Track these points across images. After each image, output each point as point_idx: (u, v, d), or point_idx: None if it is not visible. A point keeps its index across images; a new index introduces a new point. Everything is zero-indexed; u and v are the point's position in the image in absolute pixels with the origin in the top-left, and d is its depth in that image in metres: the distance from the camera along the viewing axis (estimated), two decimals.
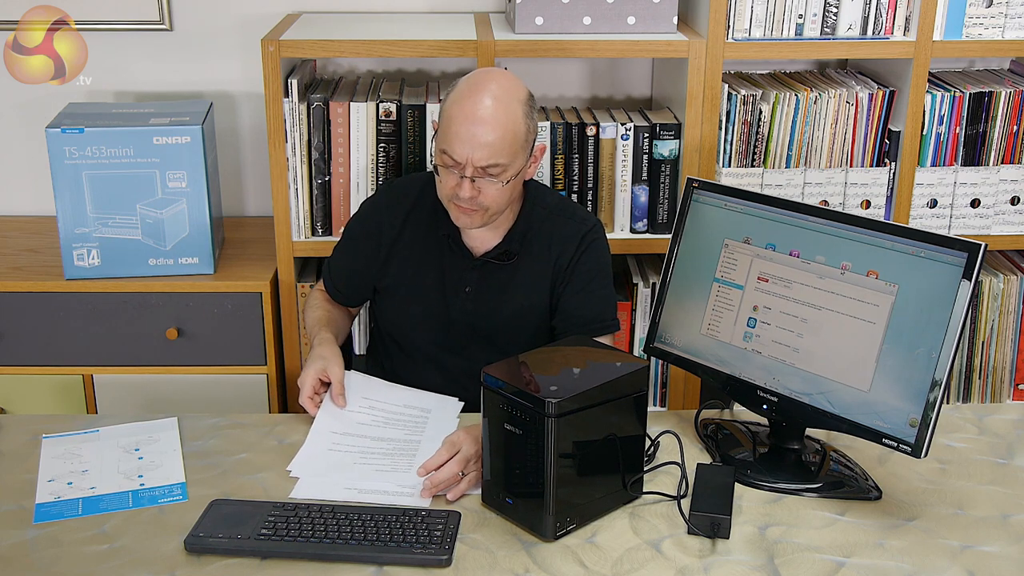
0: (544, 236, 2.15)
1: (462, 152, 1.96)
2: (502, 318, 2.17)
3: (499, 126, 1.97)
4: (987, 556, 1.68)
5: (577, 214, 2.20)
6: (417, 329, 2.22)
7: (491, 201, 2.02)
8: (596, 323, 2.15)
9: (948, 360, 1.69)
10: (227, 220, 2.87)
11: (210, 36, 2.83)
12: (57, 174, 2.44)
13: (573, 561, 1.66)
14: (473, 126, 1.95)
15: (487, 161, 1.97)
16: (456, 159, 1.97)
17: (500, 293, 2.16)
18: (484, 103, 1.97)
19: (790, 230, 1.89)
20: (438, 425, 2.00)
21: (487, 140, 1.96)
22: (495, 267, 2.15)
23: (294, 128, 2.46)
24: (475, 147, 1.96)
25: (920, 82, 2.48)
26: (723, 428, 2.04)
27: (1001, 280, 2.63)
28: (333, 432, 1.97)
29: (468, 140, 1.96)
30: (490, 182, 2.00)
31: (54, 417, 2.12)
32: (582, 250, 2.15)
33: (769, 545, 1.70)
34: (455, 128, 1.97)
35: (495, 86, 1.99)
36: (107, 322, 2.53)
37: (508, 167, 2.00)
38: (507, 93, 1.99)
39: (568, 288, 2.16)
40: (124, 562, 1.64)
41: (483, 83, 2.00)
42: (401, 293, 2.21)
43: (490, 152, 1.96)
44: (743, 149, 2.52)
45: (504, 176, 2.00)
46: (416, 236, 2.18)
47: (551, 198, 2.21)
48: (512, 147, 1.99)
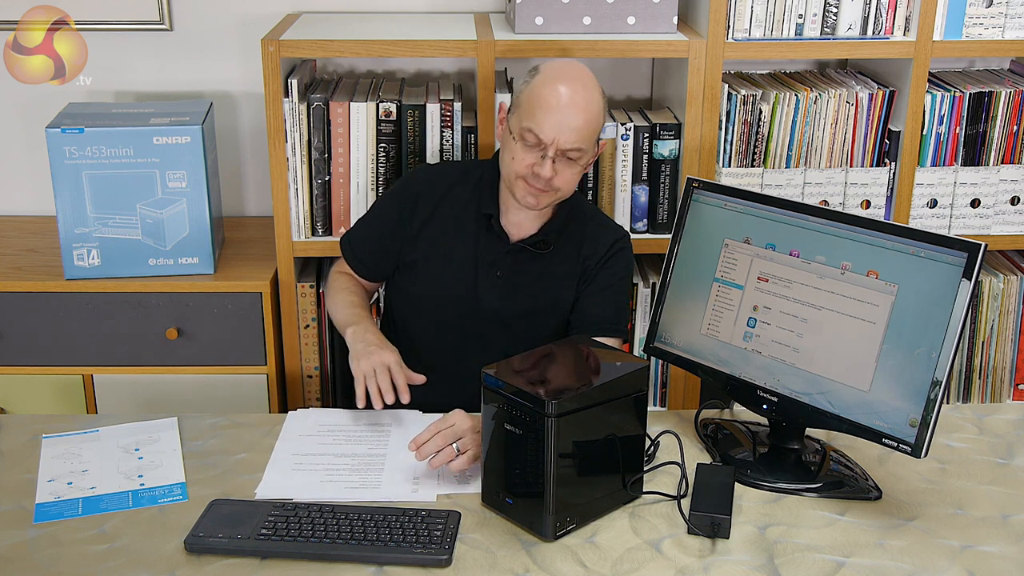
0: (577, 237, 2.20)
1: (551, 132, 2.00)
2: (527, 308, 2.19)
3: (587, 113, 2.02)
4: (987, 556, 1.68)
5: (611, 224, 2.27)
6: (438, 307, 2.21)
7: (564, 183, 2.06)
8: (607, 324, 2.18)
9: (948, 360, 1.69)
10: (227, 220, 2.87)
11: (210, 36, 2.83)
12: (57, 174, 2.44)
13: (573, 561, 1.66)
14: (566, 109, 2.00)
15: (572, 144, 2.02)
16: (543, 138, 2.01)
17: (530, 283, 2.19)
18: (577, 89, 2.02)
19: (790, 230, 1.89)
20: (403, 438, 1.96)
21: (576, 124, 2.01)
22: (528, 256, 2.18)
23: (294, 128, 2.46)
24: (564, 129, 2.00)
25: (920, 82, 2.48)
26: (723, 428, 2.04)
27: (1001, 280, 2.63)
28: (295, 455, 1.93)
29: (558, 122, 2.00)
30: (568, 165, 2.05)
31: (54, 417, 2.12)
32: (611, 255, 2.20)
33: (769, 545, 1.70)
34: (548, 106, 2.01)
35: (584, 76, 2.06)
36: (107, 322, 2.53)
37: (586, 153, 2.06)
38: (593, 84, 2.06)
39: (590, 287, 2.20)
40: (124, 562, 1.64)
41: (573, 72, 2.06)
42: (430, 270, 2.20)
43: (577, 136, 2.02)
44: (743, 149, 2.52)
45: (582, 161, 2.06)
46: (453, 213, 2.20)
47: (588, 206, 2.29)
48: (593, 135, 2.06)
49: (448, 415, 1.86)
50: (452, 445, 1.82)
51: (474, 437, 1.82)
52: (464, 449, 1.81)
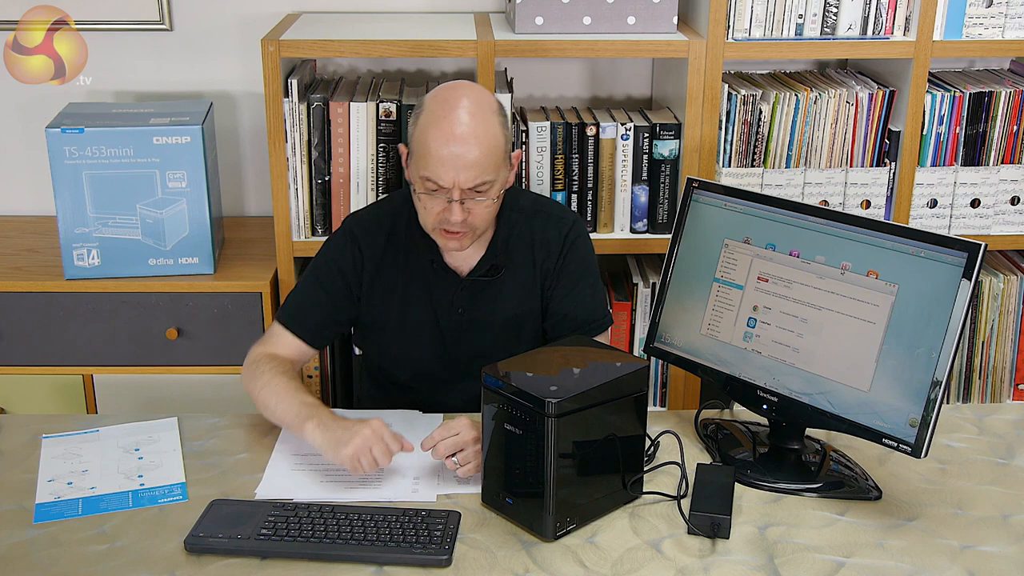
0: (525, 241, 2.10)
1: (448, 177, 1.88)
2: (497, 334, 2.11)
3: (482, 142, 1.88)
4: (987, 556, 1.68)
5: (554, 213, 2.14)
6: (413, 359, 2.15)
7: (480, 220, 1.96)
8: (588, 324, 2.11)
9: (948, 360, 1.69)
10: (227, 220, 2.87)
11: (210, 36, 2.83)
12: (57, 174, 2.44)
13: (573, 561, 1.66)
14: (455, 146, 1.86)
15: (475, 181, 1.89)
16: (442, 184, 1.89)
17: (492, 309, 2.11)
18: (461, 120, 1.87)
19: (790, 230, 1.89)
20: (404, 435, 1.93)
21: (473, 159, 1.87)
22: (484, 284, 2.09)
23: (294, 128, 2.46)
24: (461, 169, 1.87)
25: (920, 82, 2.48)
26: (723, 428, 2.04)
27: (1001, 280, 2.63)
28: (295, 455, 1.92)
29: (452, 162, 1.87)
30: (479, 201, 1.93)
31: (54, 417, 2.12)
32: (566, 250, 2.10)
33: (769, 545, 1.70)
34: (436, 152, 1.88)
35: (467, 100, 1.90)
36: (107, 322, 2.53)
37: (495, 182, 1.94)
38: (480, 106, 1.91)
39: (556, 291, 2.11)
40: (124, 562, 1.64)
41: (454, 99, 1.91)
42: (392, 327, 2.12)
43: (478, 171, 1.89)
44: (743, 149, 2.52)
45: (492, 192, 1.94)
46: (399, 265, 2.09)
47: (524, 199, 2.14)
48: (496, 161, 1.92)
49: (453, 423, 1.83)
50: (452, 458, 1.81)
51: (475, 448, 1.81)
52: (463, 462, 1.81)
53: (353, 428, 1.82)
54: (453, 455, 1.81)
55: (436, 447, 1.81)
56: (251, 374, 2.02)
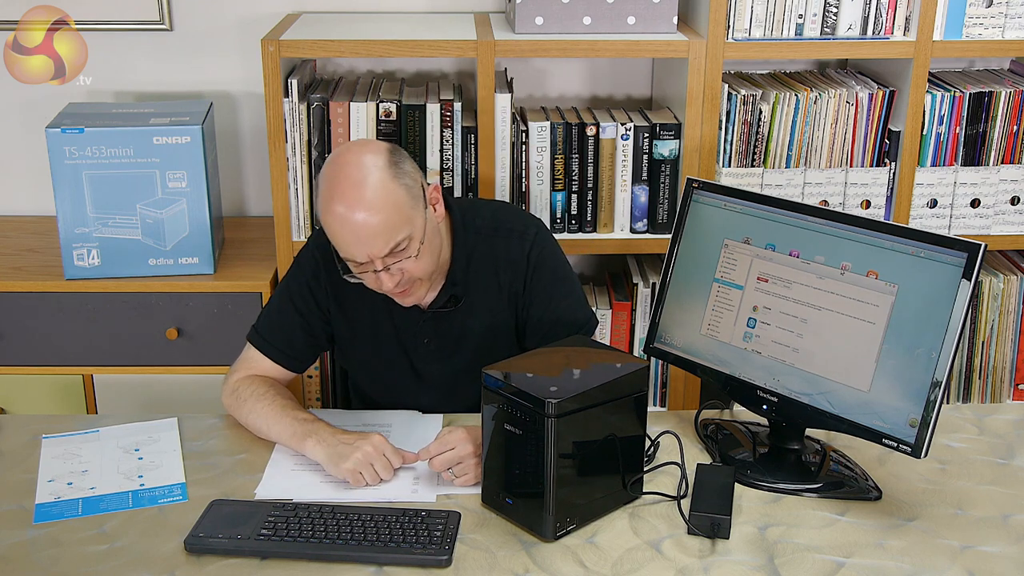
0: (487, 261, 2.03)
1: (361, 252, 1.82)
2: (470, 356, 2.06)
3: (377, 206, 1.80)
4: (987, 556, 1.68)
5: (515, 229, 2.06)
6: (388, 384, 2.14)
7: (420, 271, 1.90)
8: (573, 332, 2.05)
9: (948, 360, 1.69)
10: (227, 220, 2.87)
11: (210, 36, 2.83)
12: (57, 174, 2.44)
13: (573, 561, 1.66)
14: (353, 223, 1.80)
15: (389, 246, 1.82)
16: (359, 260, 1.85)
17: (461, 335, 2.07)
18: (348, 194, 1.80)
19: (790, 230, 1.89)
20: (403, 438, 1.94)
21: (374, 228, 1.80)
22: (448, 313, 2.04)
23: (294, 128, 2.46)
24: (368, 242, 1.81)
25: (920, 82, 2.48)
26: (723, 428, 2.04)
27: (1001, 280, 2.63)
28: (295, 455, 1.91)
29: (357, 239, 1.81)
30: (406, 260, 1.86)
31: (54, 417, 2.12)
32: (531, 269, 2.04)
33: (769, 545, 1.70)
34: (340, 233, 1.82)
35: (349, 168, 1.82)
36: (107, 322, 2.53)
37: (412, 236, 1.85)
38: (363, 169, 1.81)
39: (532, 310, 2.06)
40: (124, 562, 1.64)
41: (337, 173, 1.83)
42: (362, 345, 2.09)
43: (386, 236, 1.81)
44: (743, 149, 2.52)
45: (414, 247, 1.86)
46: (361, 292, 1.99)
47: (480, 218, 2.05)
48: (402, 217, 1.83)
49: (449, 436, 1.81)
50: (449, 471, 1.80)
51: (472, 461, 1.80)
52: (460, 475, 1.80)
53: (355, 443, 1.82)
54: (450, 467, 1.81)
55: (431, 462, 1.81)
56: (233, 404, 2.02)
